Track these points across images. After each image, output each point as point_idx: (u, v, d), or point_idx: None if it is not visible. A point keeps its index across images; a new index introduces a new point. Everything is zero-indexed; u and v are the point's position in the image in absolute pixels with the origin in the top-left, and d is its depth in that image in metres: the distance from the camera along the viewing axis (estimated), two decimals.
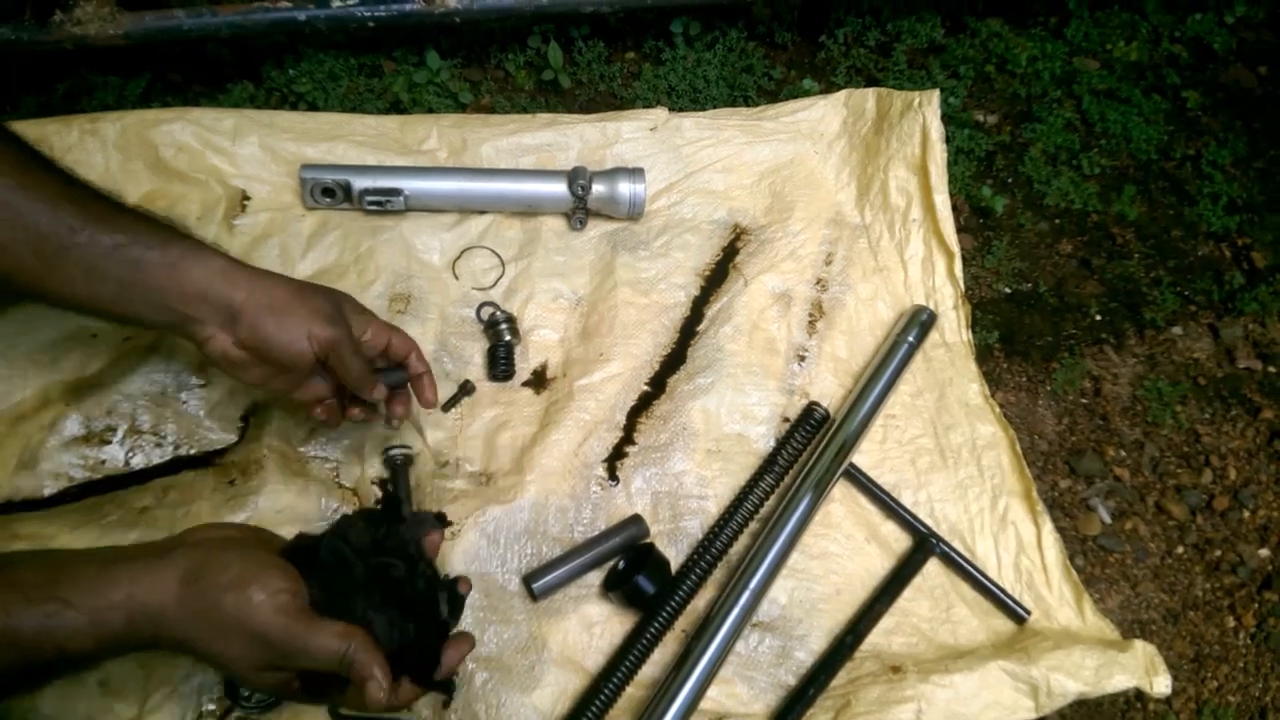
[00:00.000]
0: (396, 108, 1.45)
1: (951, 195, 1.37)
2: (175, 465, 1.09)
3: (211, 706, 0.97)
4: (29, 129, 1.16)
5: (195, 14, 1.31)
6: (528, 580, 1.07)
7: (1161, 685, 1.06)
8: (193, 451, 1.11)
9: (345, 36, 1.45)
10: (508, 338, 1.19)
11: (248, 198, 1.25)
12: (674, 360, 1.26)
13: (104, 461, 1.08)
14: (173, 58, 1.42)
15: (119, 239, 0.82)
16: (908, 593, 1.14)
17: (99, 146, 1.20)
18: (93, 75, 1.38)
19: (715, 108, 1.49)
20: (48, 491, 1.05)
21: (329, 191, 1.23)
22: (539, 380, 1.23)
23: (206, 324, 0.86)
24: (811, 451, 1.19)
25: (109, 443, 1.08)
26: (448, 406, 1.18)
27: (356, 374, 0.92)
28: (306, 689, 0.77)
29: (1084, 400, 1.40)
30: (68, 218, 0.80)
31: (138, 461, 1.09)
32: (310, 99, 1.42)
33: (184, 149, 1.23)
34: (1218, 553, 1.31)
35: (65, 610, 0.68)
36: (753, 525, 1.15)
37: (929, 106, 1.36)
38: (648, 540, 1.13)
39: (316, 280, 1.18)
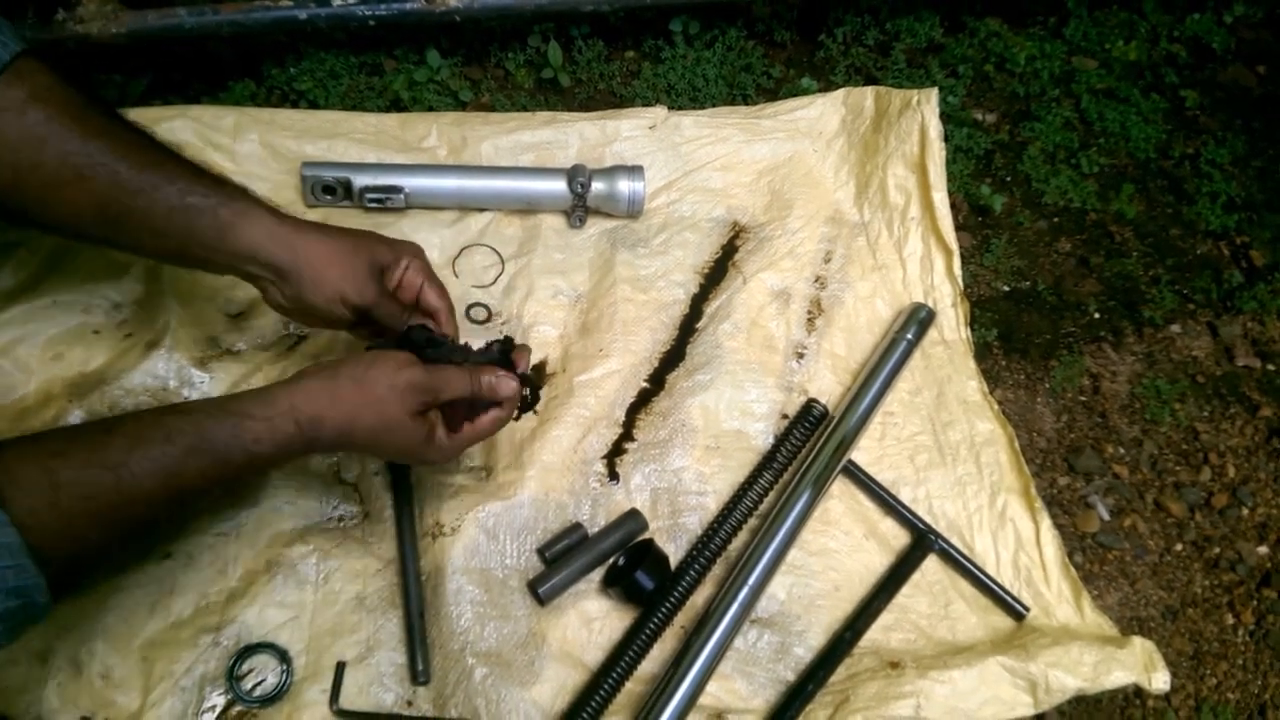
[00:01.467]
0: (397, 106, 1.45)
1: (950, 193, 1.38)
2: None
3: (215, 700, 0.97)
4: None
5: (197, 12, 1.32)
6: (533, 585, 1.07)
7: (1160, 682, 1.06)
8: None
9: (346, 35, 1.45)
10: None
11: None
12: (673, 357, 1.26)
13: None
14: (174, 56, 1.42)
15: (172, 203, 0.89)
16: (906, 589, 1.15)
17: None
18: (95, 73, 1.38)
19: (714, 106, 1.49)
20: None
21: (329, 189, 1.23)
22: (538, 375, 1.23)
23: (259, 279, 0.95)
24: (810, 448, 1.19)
25: None
26: None
27: (391, 326, 1.01)
28: (447, 422, 0.95)
29: (1082, 398, 1.40)
30: (126, 181, 0.87)
31: None
32: (311, 97, 1.43)
33: (185, 146, 1.21)
34: (1216, 550, 1.31)
35: (246, 420, 0.82)
36: (752, 521, 1.16)
37: (927, 105, 1.36)
38: (647, 536, 1.13)
39: None
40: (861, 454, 1.21)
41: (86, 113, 0.87)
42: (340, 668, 1.01)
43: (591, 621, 1.09)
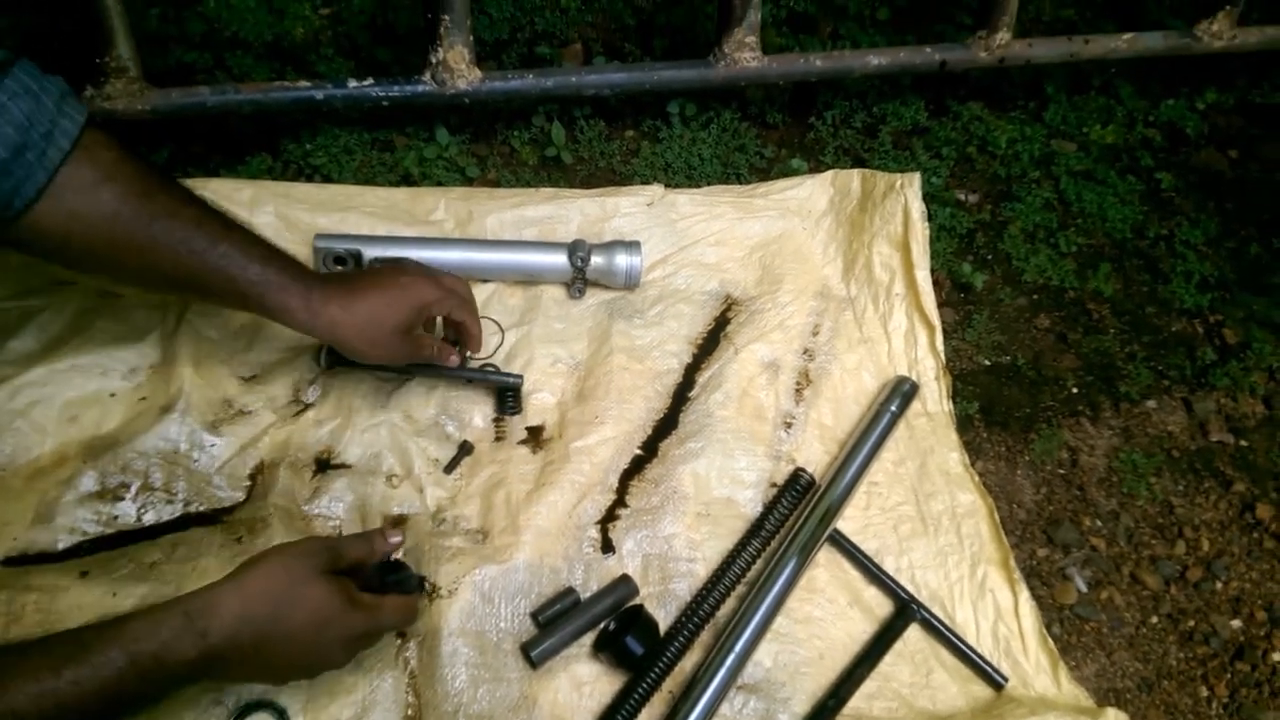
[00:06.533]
0: (407, 180, 1.52)
1: (933, 271, 1.44)
2: (184, 522, 1.13)
3: None
4: None
5: (219, 91, 1.38)
6: (526, 648, 1.09)
7: None
8: (202, 509, 1.15)
9: (360, 114, 1.52)
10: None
11: None
12: (666, 425, 1.30)
13: (116, 517, 1.11)
14: (195, 130, 1.49)
15: (226, 286, 1.00)
16: (889, 658, 1.17)
17: None
18: None
19: (709, 184, 1.56)
20: (61, 546, 1.08)
21: (341, 260, 1.28)
22: (535, 439, 1.27)
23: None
24: (797, 517, 1.23)
25: (122, 499, 1.12)
26: (449, 468, 1.22)
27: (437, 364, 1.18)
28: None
29: (1061, 470, 1.45)
30: (186, 264, 0.97)
31: (149, 518, 1.13)
32: (325, 171, 1.49)
33: None
34: (1191, 623, 1.34)
35: (129, 621, 0.78)
36: (740, 589, 1.19)
37: (910, 188, 1.43)
38: (637, 601, 1.16)
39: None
40: (847, 523, 1.25)
41: (151, 188, 0.95)
42: None
43: (582, 685, 1.11)
